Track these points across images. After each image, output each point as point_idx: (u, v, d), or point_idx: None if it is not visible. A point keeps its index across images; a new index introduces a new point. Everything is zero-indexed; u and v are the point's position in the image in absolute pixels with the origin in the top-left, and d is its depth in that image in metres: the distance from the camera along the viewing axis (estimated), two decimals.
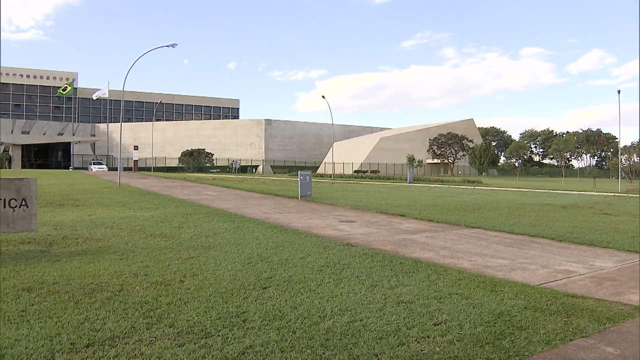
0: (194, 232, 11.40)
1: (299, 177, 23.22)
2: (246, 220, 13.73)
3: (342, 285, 6.79)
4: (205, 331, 4.93)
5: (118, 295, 6.08)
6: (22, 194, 8.65)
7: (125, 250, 9.09)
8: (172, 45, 34.42)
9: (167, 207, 17.26)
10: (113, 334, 4.81)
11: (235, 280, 6.96)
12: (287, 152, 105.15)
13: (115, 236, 10.67)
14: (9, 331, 4.86)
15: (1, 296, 6.02)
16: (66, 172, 60.23)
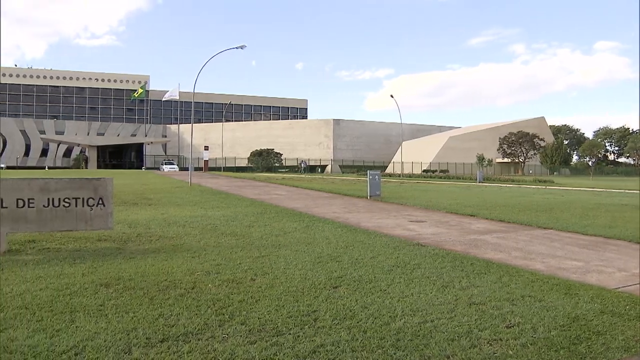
0: (264, 231, 11.52)
1: (368, 176, 23.16)
2: (316, 220, 13.80)
3: (413, 286, 6.74)
4: (276, 329, 4.97)
5: (191, 293, 6.20)
6: (99, 193, 8.92)
7: (198, 248, 9.27)
8: (241, 47, 34.83)
9: (238, 206, 17.50)
10: (186, 330, 4.92)
11: (306, 279, 7.00)
12: (356, 151, 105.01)
13: (188, 235, 10.89)
14: (88, 324, 5.03)
15: (81, 291, 6.24)
16: (139, 172, 61.74)
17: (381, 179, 24.15)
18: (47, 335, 4.73)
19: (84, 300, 5.86)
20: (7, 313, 5.37)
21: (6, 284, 6.60)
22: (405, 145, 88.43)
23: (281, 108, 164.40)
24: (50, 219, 8.77)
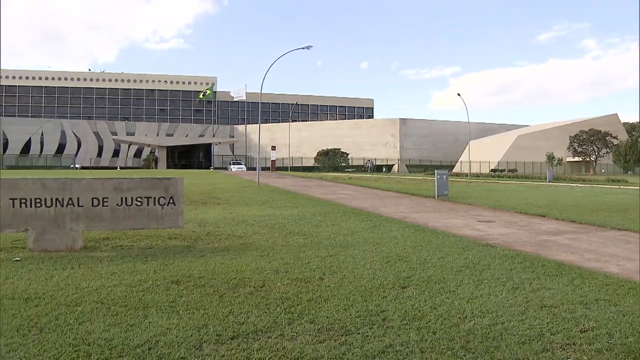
0: (332, 231, 11.55)
1: (436, 176, 22.95)
2: (383, 220, 13.75)
3: (482, 287, 6.64)
4: (345, 328, 4.98)
5: (260, 291, 6.27)
6: (170, 192, 9.12)
7: (266, 247, 9.36)
8: (307, 47, 35.01)
9: (305, 205, 17.60)
10: (256, 327, 4.97)
11: (374, 279, 6.98)
12: (422, 151, 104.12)
13: (256, 234, 11.01)
14: (161, 320, 5.15)
15: (154, 287, 6.39)
16: (207, 172, 62.76)
17: (448, 178, 23.90)
18: (122, 330, 4.87)
19: (156, 296, 6.00)
20: (85, 307, 5.56)
21: (83, 279, 6.82)
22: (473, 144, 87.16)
23: (347, 108, 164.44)
24: (123, 218, 9.02)
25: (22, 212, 8.73)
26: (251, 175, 47.68)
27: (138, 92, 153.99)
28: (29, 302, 5.77)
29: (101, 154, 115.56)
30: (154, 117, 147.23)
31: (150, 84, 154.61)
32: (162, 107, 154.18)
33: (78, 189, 8.86)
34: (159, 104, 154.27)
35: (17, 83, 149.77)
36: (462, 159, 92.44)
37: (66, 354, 4.32)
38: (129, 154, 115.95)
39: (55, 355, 4.30)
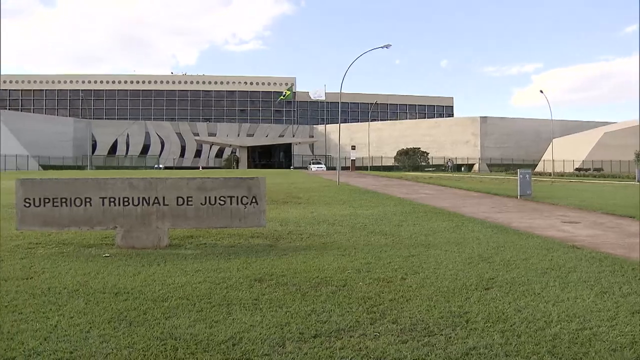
0: (413, 230, 11.47)
1: (518, 175, 22.47)
2: (465, 219, 13.56)
3: (569, 290, 6.44)
4: (428, 329, 4.93)
5: (342, 290, 6.28)
6: (253, 192, 9.26)
7: (347, 246, 9.37)
8: (386, 46, 34.90)
9: (386, 205, 17.53)
10: (338, 326, 4.98)
11: (457, 279, 6.89)
12: (504, 149, 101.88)
13: (337, 233, 11.04)
14: (244, 317, 5.23)
15: (237, 285, 6.50)
16: (288, 172, 63.31)
17: (531, 177, 23.34)
18: (207, 325, 4.97)
19: (239, 294, 6.10)
20: (171, 302, 5.71)
21: (169, 275, 7.01)
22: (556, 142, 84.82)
23: (427, 107, 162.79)
24: (207, 216, 9.21)
25: (111, 211, 9.05)
26: (331, 174, 47.81)
27: (219, 93, 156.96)
28: (119, 296, 5.98)
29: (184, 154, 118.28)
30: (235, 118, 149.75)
31: (231, 85, 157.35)
32: (242, 107, 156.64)
33: (163, 188, 9.12)
34: (240, 105, 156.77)
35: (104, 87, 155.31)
36: (544, 157, 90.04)
37: (154, 347, 4.45)
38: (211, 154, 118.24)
39: (143, 348, 4.43)
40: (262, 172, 51.67)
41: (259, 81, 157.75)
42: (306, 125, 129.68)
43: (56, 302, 5.76)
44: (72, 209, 8.99)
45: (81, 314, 5.33)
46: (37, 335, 4.73)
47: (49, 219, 9.07)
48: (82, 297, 5.98)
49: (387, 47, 35.07)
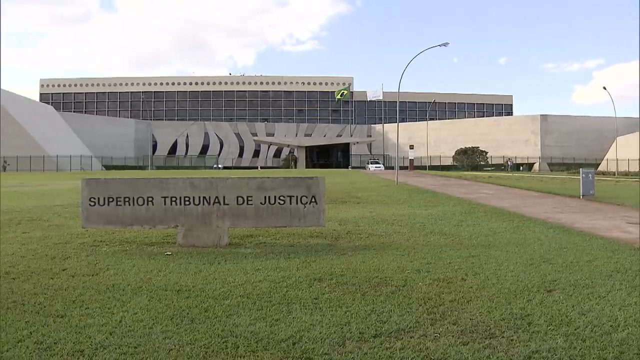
0: (472, 231, 11.32)
1: (581, 174, 21.94)
2: (526, 220, 13.31)
3: (636, 294, 6.21)
4: (489, 331, 4.86)
5: (402, 290, 6.25)
6: (312, 191, 9.29)
7: (407, 246, 9.31)
8: (444, 44, 34.59)
9: (445, 205, 17.37)
10: (398, 327, 4.96)
11: (518, 281, 6.76)
12: (565, 148, 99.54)
13: (396, 233, 10.99)
14: (305, 316, 5.26)
15: (297, 284, 6.54)
16: (346, 171, 63.36)
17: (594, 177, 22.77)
18: (267, 324, 5.01)
19: (299, 293, 6.13)
20: (232, 300, 5.78)
21: (229, 274, 7.09)
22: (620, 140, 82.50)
23: (485, 105, 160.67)
24: (267, 216, 9.28)
25: (173, 210, 9.21)
26: (389, 174, 47.62)
27: (277, 93, 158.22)
28: (181, 293, 6.09)
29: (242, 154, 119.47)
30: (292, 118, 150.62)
31: (288, 85, 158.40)
32: (300, 108, 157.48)
33: (224, 188, 9.23)
34: (297, 105, 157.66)
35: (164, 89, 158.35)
36: (608, 156, 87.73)
37: (215, 344, 4.51)
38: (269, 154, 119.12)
39: (205, 344, 4.50)
40: (320, 172, 51.80)
41: (317, 81, 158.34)
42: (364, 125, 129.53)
43: (120, 299, 5.91)
44: (135, 208, 9.19)
45: (144, 310, 5.45)
46: (103, 330, 4.87)
47: (113, 218, 9.29)
48: (145, 294, 6.11)
49: (444, 45, 34.78)
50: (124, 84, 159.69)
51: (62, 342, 4.58)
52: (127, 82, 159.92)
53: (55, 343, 4.56)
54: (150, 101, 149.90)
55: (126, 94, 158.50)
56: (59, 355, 4.30)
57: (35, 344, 4.55)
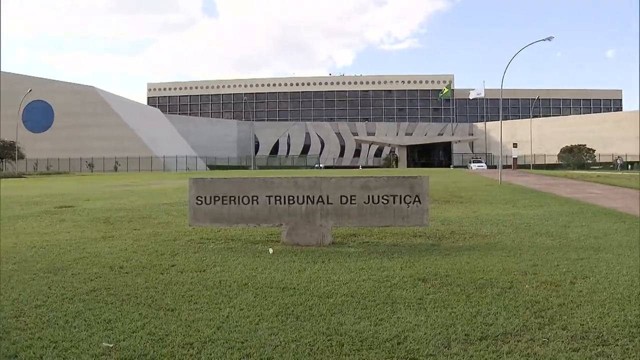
0: (581, 232, 10.91)
1: None
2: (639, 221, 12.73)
3: None
4: (601, 338, 4.66)
5: (508, 292, 6.10)
6: (415, 191, 9.21)
7: (512, 247, 9.08)
8: (548, 39, 33.54)
9: (551, 205, 16.83)
10: (505, 330, 4.84)
11: (632, 286, 6.42)
12: None
13: (501, 233, 10.74)
14: (409, 316, 5.22)
15: (400, 284, 6.50)
16: (448, 171, 62.63)
17: None
18: (372, 323, 5.01)
19: (403, 292, 6.10)
20: (336, 299, 5.81)
21: (333, 272, 7.13)
22: None
23: (592, 101, 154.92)
24: (370, 215, 9.26)
25: (277, 209, 9.35)
26: (492, 173, 46.70)
27: (377, 93, 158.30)
28: (285, 291, 6.17)
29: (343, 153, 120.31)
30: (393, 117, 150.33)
31: (388, 84, 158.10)
32: (400, 107, 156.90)
33: (327, 187, 9.29)
34: (397, 104, 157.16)
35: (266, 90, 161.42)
36: None
37: (320, 342, 4.55)
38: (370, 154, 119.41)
39: (310, 342, 4.55)
40: (421, 171, 51.40)
41: (417, 80, 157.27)
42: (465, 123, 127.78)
43: (227, 295, 6.06)
44: (240, 206, 9.39)
45: (250, 307, 5.56)
46: (211, 325, 5.01)
47: (219, 216, 9.53)
48: (251, 290, 6.24)
49: (549, 40, 33.72)
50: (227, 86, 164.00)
51: (173, 334, 4.76)
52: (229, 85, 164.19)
53: (166, 335, 4.74)
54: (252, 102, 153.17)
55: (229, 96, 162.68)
56: (170, 347, 4.47)
57: (148, 335, 4.75)
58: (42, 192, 24.85)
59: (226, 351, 4.38)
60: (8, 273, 7.31)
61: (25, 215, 14.65)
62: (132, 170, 79.52)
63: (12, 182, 40.36)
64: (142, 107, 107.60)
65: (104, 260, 8.18)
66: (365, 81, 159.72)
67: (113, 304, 5.72)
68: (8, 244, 9.82)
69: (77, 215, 14.48)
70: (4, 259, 8.32)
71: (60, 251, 9.00)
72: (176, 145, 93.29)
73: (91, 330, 4.89)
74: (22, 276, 7.11)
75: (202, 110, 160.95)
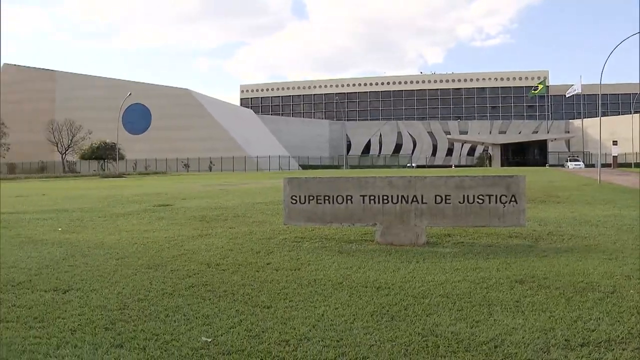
0: None
1: None
2: None
3: None
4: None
5: (610, 297, 5.84)
6: (512, 190, 9.00)
7: (614, 250, 8.70)
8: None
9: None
10: (608, 337, 4.63)
11: None
12: None
13: (601, 235, 10.33)
14: (506, 319, 5.10)
15: (497, 285, 6.37)
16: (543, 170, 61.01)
17: None
18: (467, 325, 4.93)
19: (499, 294, 5.96)
20: (431, 300, 5.76)
21: (428, 273, 7.06)
22: None
23: None
24: (465, 215, 9.12)
25: (371, 208, 9.34)
26: (590, 172, 45.20)
27: (469, 91, 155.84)
28: (380, 291, 6.16)
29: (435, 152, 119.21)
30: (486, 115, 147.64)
31: (480, 82, 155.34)
32: (493, 104, 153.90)
33: (422, 187, 9.20)
34: (490, 102, 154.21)
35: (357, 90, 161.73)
36: None
37: (416, 342, 4.52)
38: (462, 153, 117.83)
39: (406, 342, 4.52)
40: (515, 170, 50.24)
41: (509, 76, 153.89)
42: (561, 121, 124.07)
43: (322, 293, 6.10)
44: (335, 206, 9.44)
45: (345, 306, 5.58)
46: (307, 323, 5.06)
47: (313, 215, 9.62)
48: (345, 289, 6.26)
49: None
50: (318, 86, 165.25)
51: (269, 331, 4.84)
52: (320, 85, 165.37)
53: (263, 332, 4.82)
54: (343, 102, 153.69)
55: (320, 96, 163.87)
56: (267, 343, 4.54)
57: (245, 331, 4.85)
58: (141, 191, 25.78)
59: (322, 349, 4.41)
60: (112, 268, 7.65)
61: (126, 213, 15.25)
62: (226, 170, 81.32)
63: (113, 182, 42.10)
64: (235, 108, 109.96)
65: (201, 257, 8.42)
66: (457, 79, 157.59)
67: (211, 300, 5.87)
68: (112, 240, 10.27)
69: (174, 213, 14.95)
70: (108, 255, 8.69)
71: (160, 248, 9.34)
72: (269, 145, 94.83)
73: (190, 325, 5.05)
74: (125, 271, 7.43)
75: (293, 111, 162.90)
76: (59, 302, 5.90)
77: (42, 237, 10.93)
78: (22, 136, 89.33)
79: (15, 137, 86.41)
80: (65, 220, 13.84)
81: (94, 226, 12.55)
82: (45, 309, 5.63)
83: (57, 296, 6.15)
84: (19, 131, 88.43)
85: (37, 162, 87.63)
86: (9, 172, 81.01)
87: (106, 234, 11.27)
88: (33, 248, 9.50)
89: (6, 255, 8.83)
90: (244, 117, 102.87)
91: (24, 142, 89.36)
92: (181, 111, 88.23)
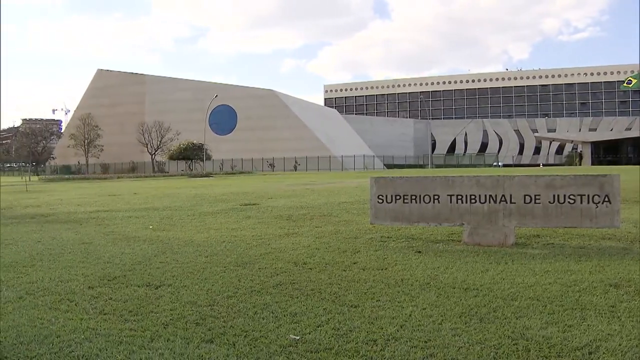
0: None
1: None
2: None
3: None
4: None
5: None
6: (605, 190, 8.70)
7: None
8: None
9: None
10: None
11: None
12: None
13: None
14: (601, 324, 4.93)
15: (590, 289, 6.17)
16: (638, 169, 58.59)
17: None
18: (560, 329, 4.80)
19: (593, 298, 5.77)
20: (521, 302, 5.64)
21: (517, 274, 6.92)
22: None
23: None
24: (555, 215, 8.88)
25: (458, 208, 9.24)
26: None
27: (556, 87, 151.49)
28: (468, 292, 6.09)
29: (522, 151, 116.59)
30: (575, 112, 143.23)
31: (569, 77, 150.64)
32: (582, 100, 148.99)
33: (510, 186, 9.02)
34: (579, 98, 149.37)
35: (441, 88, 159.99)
36: None
37: (505, 345, 4.44)
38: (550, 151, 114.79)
39: (495, 345, 4.45)
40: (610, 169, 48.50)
41: (600, 71, 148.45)
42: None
43: (409, 293, 6.08)
44: (421, 205, 9.39)
45: (433, 307, 5.54)
46: (394, 323, 5.05)
47: (399, 215, 9.59)
48: (433, 290, 6.22)
49: None
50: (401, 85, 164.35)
51: (357, 330, 4.86)
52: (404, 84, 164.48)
53: (350, 331, 4.85)
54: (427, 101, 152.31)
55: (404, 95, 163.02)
56: (354, 342, 4.57)
57: (332, 330, 4.90)
58: (228, 191, 26.25)
59: (409, 349, 4.40)
60: (202, 265, 7.86)
61: (214, 211, 15.59)
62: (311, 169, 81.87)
63: (200, 181, 43.01)
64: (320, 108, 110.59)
65: (288, 256, 8.53)
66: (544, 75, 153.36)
67: (298, 298, 5.95)
68: (201, 238, 10.54)
69: (261, 212, 15.17)
70: (198, 252, 8.92)
71: (247, 246, 9.51)
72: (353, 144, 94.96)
73: (278, 322, 5.14)
74: (214, 268, 7.61)
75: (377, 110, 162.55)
76: (152, 297, 6.12)
77: (135, 234, 11.34)
78: (114, 138, 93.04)
79: (108, 139, 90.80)
80: (156, 218, 14.30)
81: (183, 224, 12.91)
82: (139, 303, 5.86)
83: (150, 291, 6.38)
84: (111, 133, 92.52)
85: (129, 163, 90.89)
86: (102, 171, 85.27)
87: (195, 231, 11.57)
88: (126, 245, 9.88)
89: (102, 251, 9.22)
90: (328, 116, 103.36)
91: (116, 143, 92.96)
92: (266, 112, 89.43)
